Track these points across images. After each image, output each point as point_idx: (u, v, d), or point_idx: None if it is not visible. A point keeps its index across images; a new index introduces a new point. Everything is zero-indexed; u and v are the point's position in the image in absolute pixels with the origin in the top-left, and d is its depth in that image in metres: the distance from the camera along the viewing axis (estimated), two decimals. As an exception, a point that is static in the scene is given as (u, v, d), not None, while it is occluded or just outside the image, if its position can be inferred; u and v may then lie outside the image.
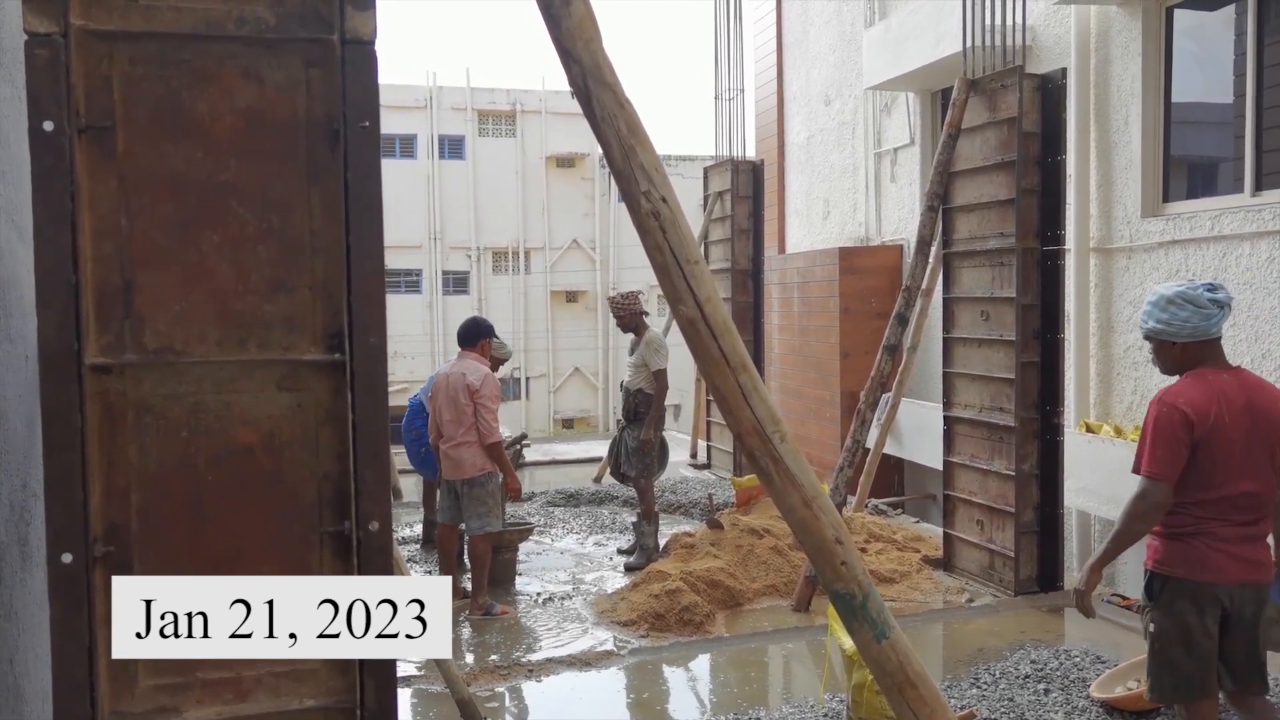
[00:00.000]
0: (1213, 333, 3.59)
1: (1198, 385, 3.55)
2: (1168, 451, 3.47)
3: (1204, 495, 3.51)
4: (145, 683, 2.26)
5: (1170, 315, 3.60)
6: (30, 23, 2.13)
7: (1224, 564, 3.49)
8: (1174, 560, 3.54)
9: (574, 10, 2.65)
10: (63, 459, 2.18)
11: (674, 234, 2.73)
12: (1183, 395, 3.52)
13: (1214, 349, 3.63)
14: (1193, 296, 3.58)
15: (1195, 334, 3.58)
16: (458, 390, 6.53)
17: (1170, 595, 3.55)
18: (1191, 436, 3.47)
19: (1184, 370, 3.66)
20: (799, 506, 2.81)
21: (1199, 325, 3.56)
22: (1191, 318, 3.57)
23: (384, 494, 2.35)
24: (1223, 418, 3.49)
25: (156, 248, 2.24)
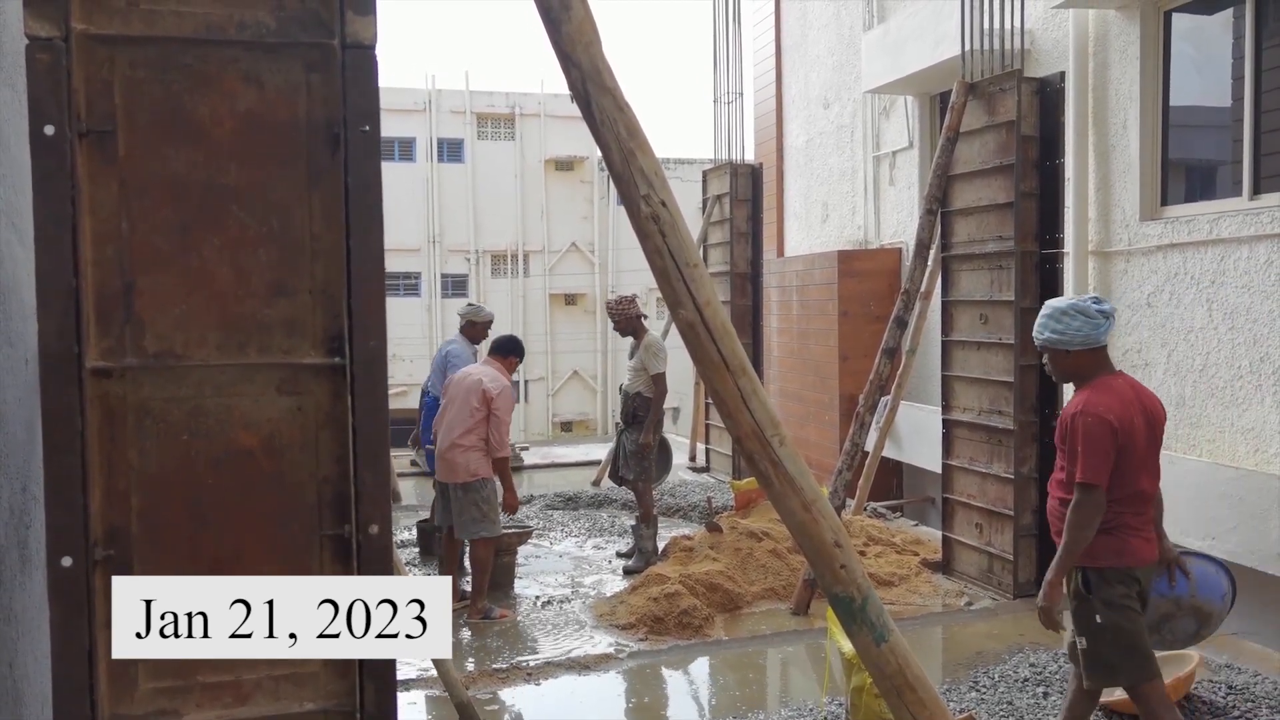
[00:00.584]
0: (1101, 340, 3.91)
1: (1111, 396, 3.85)
2: (1101, 460, 3.77)
3: (1121, 492, 3.85)
4: (145, 686, 2.26)
5: (1064, 326, 3.91)
6: (31, 27, 2.13)
7: (1139, 548, 3.88)
8: (1104, 553, 3.84)
9: (573, 14, 2.65)
10: (63, 462, 2.19)
11: (673, 238, 2.73)
12: (1104, 406, 3.81)
13: (1102, 356, 3.96)
14: (1083, 308, 3.90)
15: (1086, 342, 3.89)
16: (471, 392, 6.56)
17: (1107, 584, 3.84)
18: (1117, 443, 3.79)
19: (1076, 375, 3.99)
20: (798, 510, 2.81)
21: (1089, 334, 3.88)
22: (1083, 327, 3.88)
23: (384, 497, 2.35)
24: (1134, 423, 3.84)
25: (157, 251, 2.24)
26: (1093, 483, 3.78)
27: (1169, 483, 6.84)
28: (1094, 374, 3.94)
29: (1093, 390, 3.90)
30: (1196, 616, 4.25)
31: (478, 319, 8.41)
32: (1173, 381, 7.40)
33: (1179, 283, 7.32)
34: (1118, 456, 3.80)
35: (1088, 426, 3.80)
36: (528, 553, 7.96)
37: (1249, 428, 6.76)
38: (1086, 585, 3.88)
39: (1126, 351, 7.83)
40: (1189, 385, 7.25)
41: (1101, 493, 3.78)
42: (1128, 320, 7.81)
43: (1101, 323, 3.90)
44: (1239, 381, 6.84)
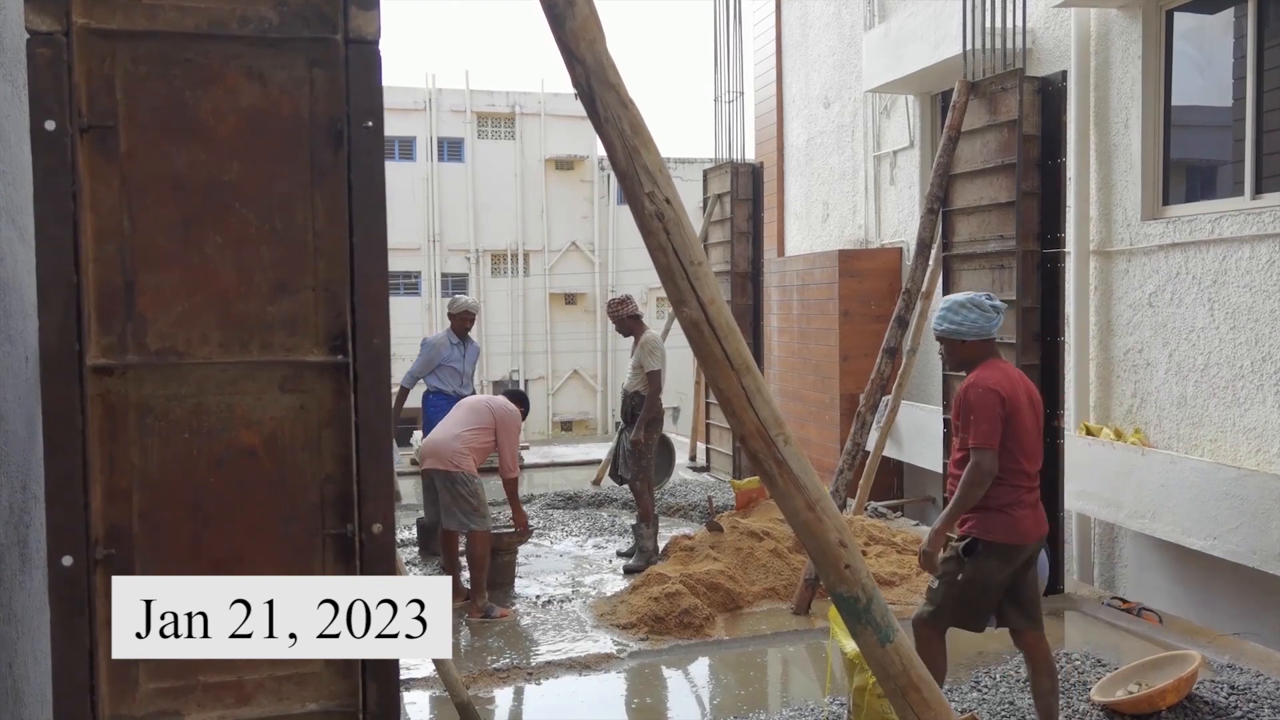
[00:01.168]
0: (991, 332, 4.31)
1: (998, 372, 4.25)
2: (990, 425, 4.12)
3: (1014, 465, 4.18)
4: (146, 686, 2.25)
5: (961, 318, 4.30)
6: (32, 21, 2.12)
7: (1029, 527, 4.23)
8: (995, 529, 4.18)
9: (578, 10, 2.64)
10: (64, 461, 2.17)
11: (678, 235, 2.72)
12: (993, 380, 4.19)
13: (992, 346, 4.35)
14: (978, 302, 4.30)
15: (979, 333, 4.29)
16: (487, 406, 6.77)
17: (985, 555, 4.20)
18: (1004, 411, 4.14)
19: (968, 363, 4.37)
20: (802, 509, 2.79)
21: (983, 326, 4.28)
22: (978, 320, 4.28)
23: (387, 496, 2.33)
24: (1020, 398, 4.21)
25: (159, 249, 2.23)
26: (986, 446, 4.11)
27: (1171, 483, 6.87)
28: (986, 360, 4.34)
29: (982, 369, 4.30)
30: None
31: (452, 310, 8.58)
32: (1174, 381, 7.39)
33: (1180, 282, 7.31)
34: (1008, 429, 4.14)
35: (978, 396, 4.17)
36: (528, 552, 7.94)
37: (1251, 427, 6.75)
38: (970, 551, 4.22)
39: (1128, 351, 7.82)
40: (1190, 385, 7.25)
41: (992, 455, 4.11)
42: (1129, 320, 7.81)
43: (994, 316, 4.29)
44: (1240, 381, 6.83)
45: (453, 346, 8.41)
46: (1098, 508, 7.65)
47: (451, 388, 8.33)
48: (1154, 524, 7.08)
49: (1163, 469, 6.99)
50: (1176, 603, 7.30)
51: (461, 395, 8.21)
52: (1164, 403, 7.48)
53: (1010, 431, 4.15)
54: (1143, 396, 7.69)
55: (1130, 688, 4.89)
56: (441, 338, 8.49)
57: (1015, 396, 4.19)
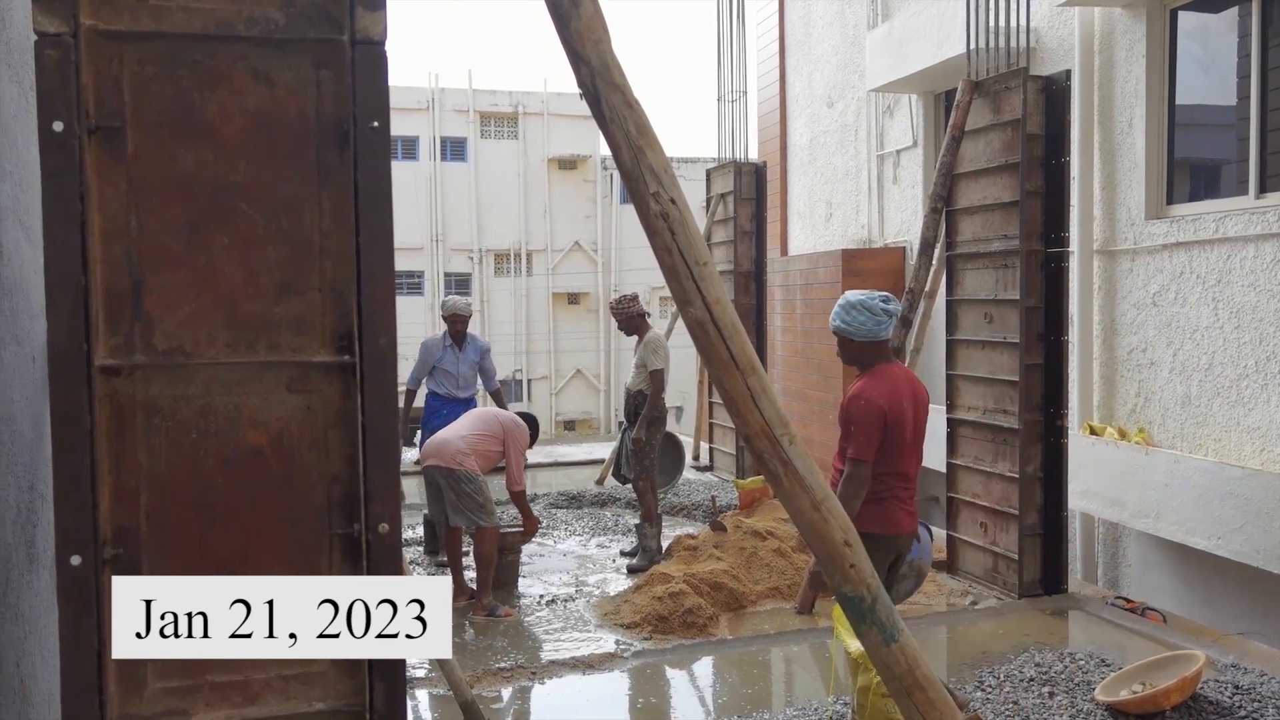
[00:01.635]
0: (881, 336, 4.36)
1: (885, 383, 4.33)
2: (868, 438, 4.26)
3: (891, 468, 4.33)
4: (154, 685, 2.26)
5: (851, 318, 4.37)
6: (40, 22, 2.12)
7: (903, 519, 4.41)
8: (870, 520, 4.26)
9: (583, 10, 2.64)
10: (72, 461, 2.18)
11: (683, 235, 2.72)
12: (877, 393, 4.29)
13: (884, 348, 4.42)
14: (870, 305, 4.35)
15: (868, 335, 4.35)
16: (497, 418, 6.83)
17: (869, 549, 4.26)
18: (885, 424, 4.26)
19: (858, 362, 4.45)
20: (808, 509, 2.80)
21: (871, 329, 4.34)
22: (866, 322, 4.34)
23: (394, 496, 2.34)
24: (903, 406, 4.32)
25: (166, 249, 2.24)
26: (862, 459, 4.26)
27: (1175, 482, 6.86)
28: (874, 362, 4.41)
29: (870, 378, 4.38)
30: (917, 577, 4.76)
31: (443, 313, 8.42)
32: (1178, 380, 7.39)
33: (1184, 281, 7.31)
34: (888, 435, 4.27)
35: (862, 410, 4.28)
36: (531, 551, 7.95)
37: (1255, 427, 6.75)
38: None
39: (1132, 350, 7.82)
40: (1195, 384, 7.24)
41: (869, 468, 4.27)
42: (1133, 319, 7.80)
43: (884, 320, 4.35)
44: (1245, 380, 6.82)
45: (445, 349, 8.26)
46: (1101, 507, 7.65)
47: (446, 390, 8.23)
48: (1158, 524, 7.08)
49: (1167, 468, 6.99)
50: (1181, 602, 7.30)
51: (458, 398, 8.17)
52: (1168, 402, 7.48)
53: (889, 438, 4.29)
54: (1146, 396, 7.68)
55: (1134, 687, 4.89)
56: (436, 340, 8.37)
57: (898, 406, 4.30)
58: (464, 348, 8.30)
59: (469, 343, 8.34)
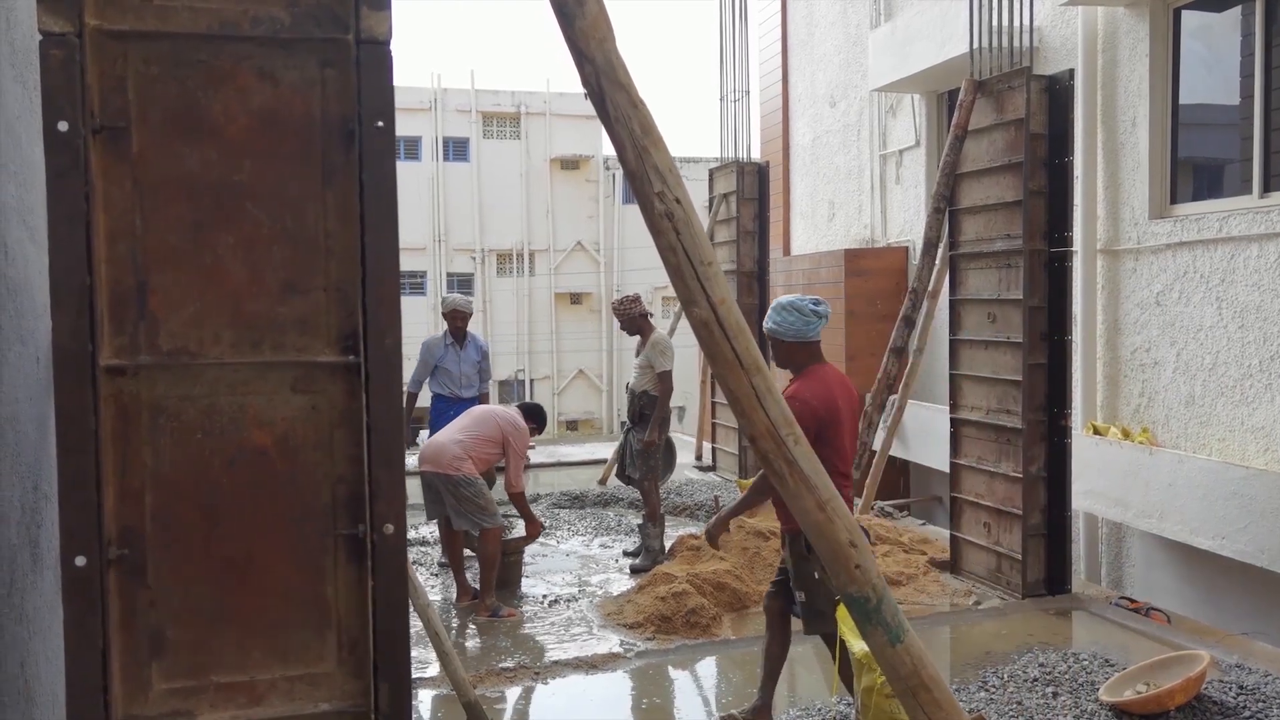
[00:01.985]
0: (810, 336, 4.45)
1: (818, 385, 4.41)
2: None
3: (831, 467, 4.18)
4: (159, 686, 2.25)
5: (781, 319, 4.46)
6: (45, 22, 2.12)
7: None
8: None
9: (587, 9, 2.64)
10: (76, 461, 2.17)
11: (688, 235, 2.71)
12: (810, 393, 4.37)
13: (814, 349, 4.51)
14: (800, 306, 4.45)
15: (798, 336, 4.44)
16: (496, 418, 6.75)
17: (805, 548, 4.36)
18: (818, 424, 4.28)
19: (790, 363, 4.54)
20: (813, 510, 2.79)
21: (801, 329, 4.43)
22: (795, 323, 4.43)
23: (399, 497, 2.33)
24: (837, 406, 4.41)
25: (171, 249, 2.23)
26: None
27: (1179, 482, 6.85)
28: (806, 363, 4.51)
29: (802, 379, 4.47)
30: None
31: (443, 310, 8.37)
32: (1182, 380, 7.38)
33: (1188, 281, 7.30)
34: (824, 435, 4.31)
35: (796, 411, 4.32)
36: (535, 551, 7.94)
37: (1259, 426, 6.74)
38: (808, 548, 4.29)
39: (1135, 350, 7.81)
40: (1198, 384, 7.23)
41: None
42: (1136, 319, 7.79)
43: (814, 321, 4.44)
44: (1249, 380, 6.81)
45: (446, 348, 8.21)
46: (1105, 507, 7.64)
47: (450, 390, 8.19)
48: (1162, 523, 7.07)
49: (1170, 468, 6.98)
50: (1185, 602, 7.29)
51: (461, 398, 8.14)
52: (1172, 402, 7.47)
53: (824, 438, 4.32)
54: (1150, 396, 7.67)
55: (1138, 687, 4.88)
56: (436, 339, 8.32)
57: (832, 406, 4.39)
58: (465, 346, 8.25)
59: (470, 341, 8.29)
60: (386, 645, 2.32)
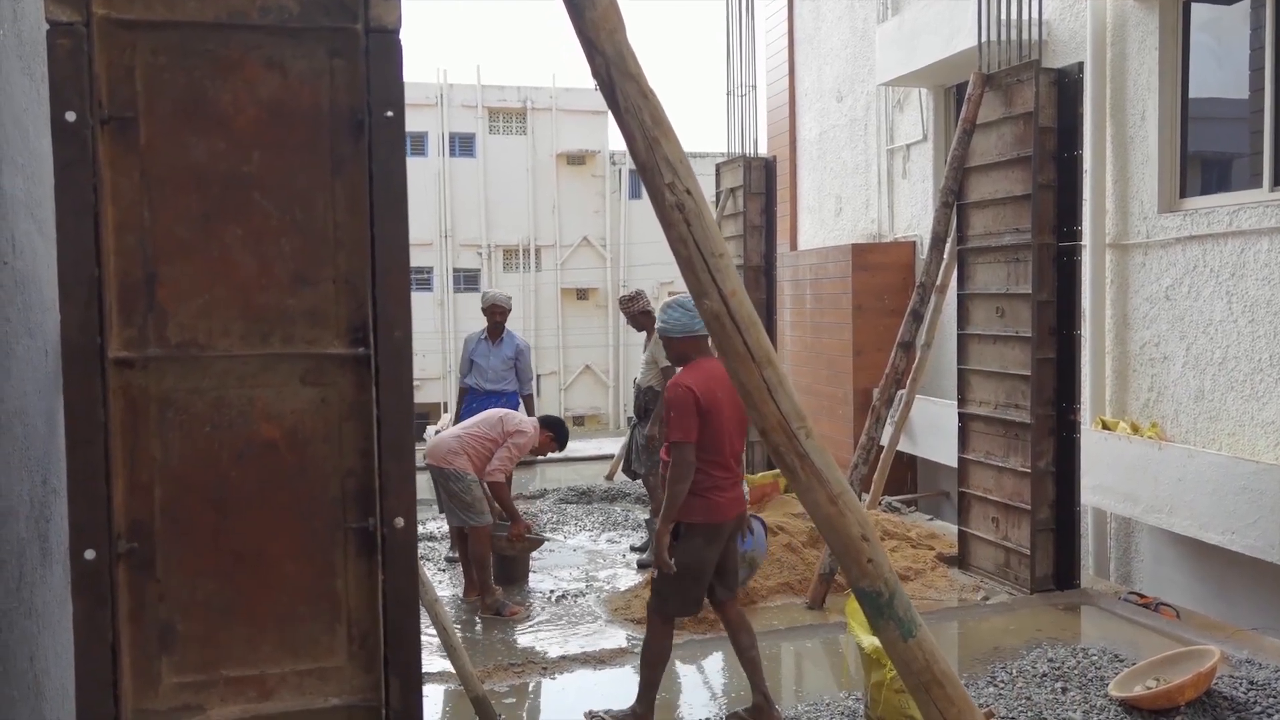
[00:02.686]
0: (697, 330, 4.57)
1: (698, 372, 4.54)
2: (685, 421, 4.43)
3: (712, 458, 4.52)
4: (169, 680, 2.24)
5: (669, 316, 4.68)
6: (52, 11, 2.11)
7: (726, 507, 4.58)
8: (695, 511, 4.51)
9: (598, 1, 2.62)
10: (86, 454, 2.16)
11: (699, 227, 2.69)
12: (689, 380, 4.50)
13: (702, 344, 4.65)
14: (684, 302, 4.62)
15: (685, 330, 4.63)
16: (499, 420, 6.66)
17: (690, 536, 4.55)
18: (699, 409, 4.42)
19: (681, 359, 4.71)
20: (824, 503, 2.77)
21: (687, 324, 4.62)
22: (681, 318, 4.63)
23: (409, 490, 2.31)
24: (716, 395, 4.48)
25: (179, 241, 2.22)
26: (682, 440, 4.43)
27: (1188, 477, 6.82)
28: (695, 358, 4.66)
29: (688, 369, 4.63)
30: (750, 567, 5.11)
31: (483, 305, 8.30)
32: (1192, 375, 7.34)
33: (1198, 275, 7.26)
34: (705, 423, 4.44)
35: (675, 395, 4.48)
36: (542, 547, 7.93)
37: (1269, 421, 6.70)
38: (676, 535, 4.56)
39: (1145, 345, 7.78)
40: (1208, 378, 7.20)
41: (691, 449, 4.43)
42: (1145, 313, 7.76)
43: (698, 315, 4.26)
44: (1259, 375, 6.78)
45: (480, 341, 8.25)
46: (1114, 502, 7.61)
47: (477, 383, 8.18)
48: (1171, 518, 7.03)
49: (1180, 463, 6.95)
50: (1194, 598, 7.26)
51: (487, 391, 8.10)
52: (1181, 396, 7.43)
53: (706, 425, 4.45)
54: (1160, 390, 7.64)
55: (1148, 683, 4.86)
56: (475, 333, 8.37)
57: (711, 393, 4.47)
58: (498, 342, 8.23)
59: (506, 338, 8.27)
60: (397, 640, 2.31)
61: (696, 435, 4.43)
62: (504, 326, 8.22)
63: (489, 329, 8.23)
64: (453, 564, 7.41)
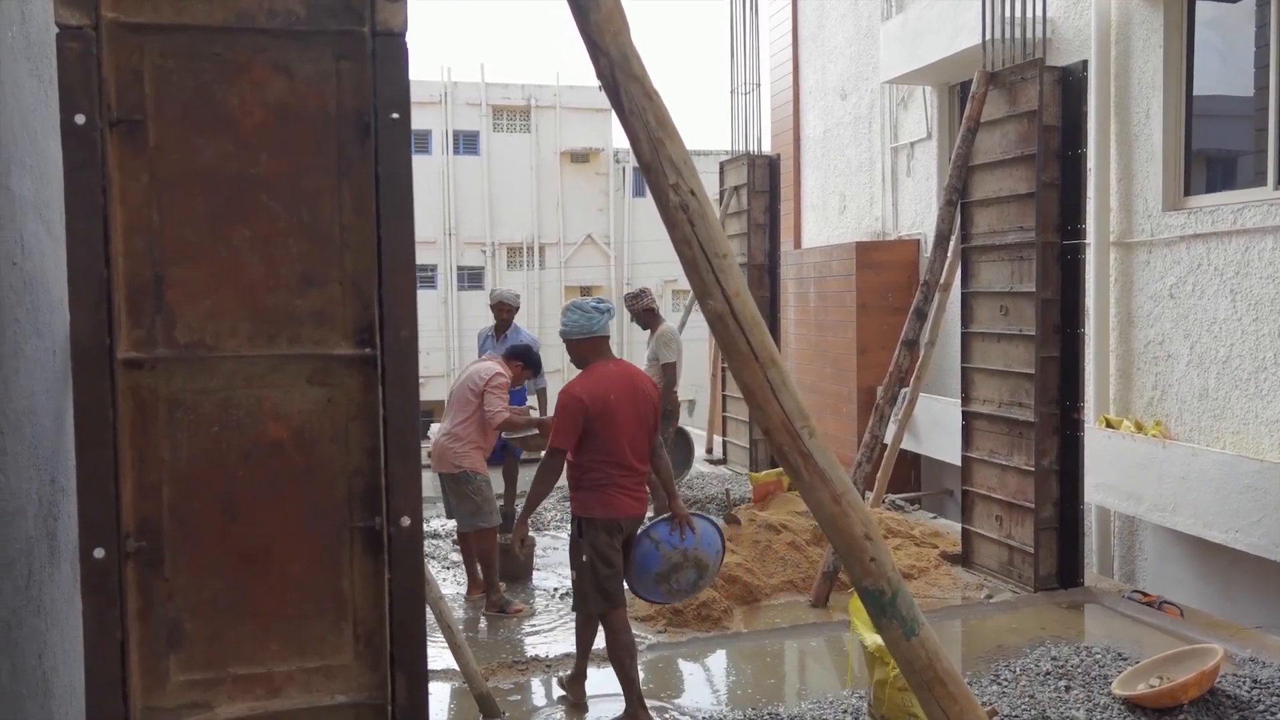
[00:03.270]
0: (595, 331, 4.77)
1: (590, 378, 4.72)
2: (564, 428, 4.65)
3: (609, 458, 4.68)
4: (177, 678, 2.26)
5: (567, 319, 4.82)
6: (62, 15, 2.12)
7: (623, 503, 4.75)
8: (593, 506, 4.71)
9: (602, 2, 2.63)
10: (95, 454, 2.18)
11: (702, 227, 2.71)
12: (580, 388, 4.68)
13: (600, 345, 4.82)
14: (582, 305, 4.84)
15: (583, 332, 4.77)
16: (466, 384, 6.55)
17: (594, 531, 4.72)
18: (586, 415, 4.62)
19: (582, 361, 4.83)
20: (828, 503, 2.79)
21: (585, 326, 4.76)
22: (579, 320, 4.78)
23: (415, 489, 2.33)
24: (609, 399, 4.65)
25: (187, 242, 2.23)
26: (555, 447, 4.69)
27: (1192, 475, 6.83)
28: (593, 360, 4.80)
29: (582, 375, 4.78)
30: (697, 567, 5.07)
31: (490, 302, 8.28)
32: (1196, 373, 7.35)
33: (1202, 273, 7.26)
34: (594, 427, 4.63)
35: (562, 403, 4.67)
36: (545, 545, 7.96)
37: (1274, 420, 6.71)
38: (579, 531, 4.75)
39: (1149, 343, 7.78)
40: (1212, 377, 7.20)
41: (563, 455, 4.69)
42: (1150, 312, 7.76)
43: (595, 317, 4.77)
44: (1263, 373, 6.78)
45: (487, 338, 8.23)
46: (1118, 500, 7.62)
47: None
48: (1175, 517, 7.04)
49: (1184, 462, 6.95)
50: (1198, 596, 7.27)
51: None
52: (1185, 395, 7.44)
53: (595, 429, 4.64)
54: (1164, 389, 7.64)
55: (1152, 681, 4.87)
56: (486, 328, 8.37)
57: (601, 400, 4.64)
58: (503, 339, 8.24)
59: (512, 334, 8.26)
60: (403, 638, 2.33)
61: (571, 443, 4.65)
62: (510, 323, 8.22)
63: (496, 326, 8.24)
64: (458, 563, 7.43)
